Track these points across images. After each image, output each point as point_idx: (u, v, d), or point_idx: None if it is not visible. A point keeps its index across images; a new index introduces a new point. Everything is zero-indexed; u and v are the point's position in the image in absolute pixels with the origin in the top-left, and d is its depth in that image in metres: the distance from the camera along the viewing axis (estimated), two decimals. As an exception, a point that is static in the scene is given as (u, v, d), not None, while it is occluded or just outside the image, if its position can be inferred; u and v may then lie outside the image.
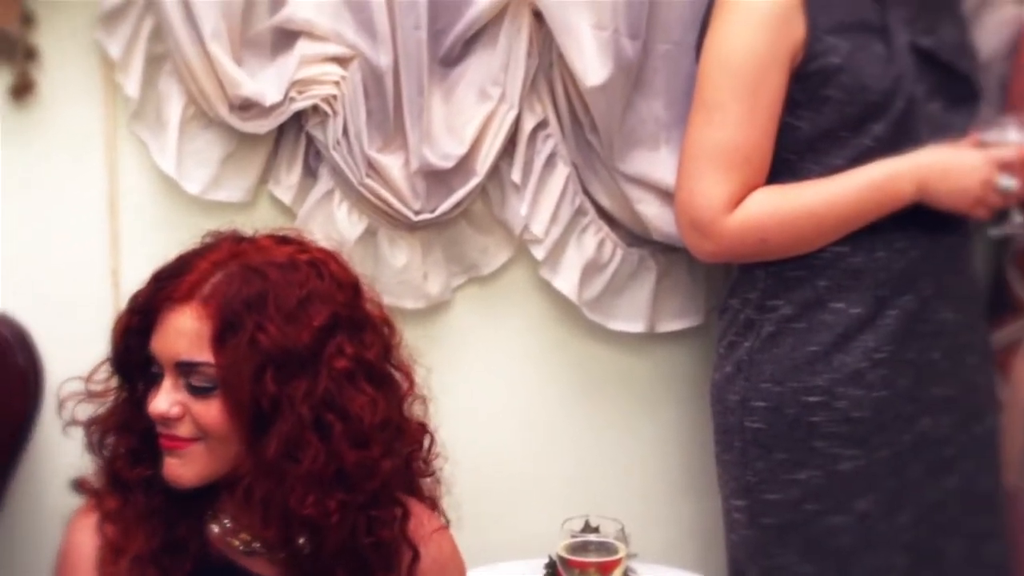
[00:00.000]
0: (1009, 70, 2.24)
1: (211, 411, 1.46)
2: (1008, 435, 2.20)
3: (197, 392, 1.47)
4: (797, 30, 1.89)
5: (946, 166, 1.90)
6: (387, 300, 2.09)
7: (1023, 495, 2.20)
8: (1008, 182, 1.89)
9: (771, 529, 2.00)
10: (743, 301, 2.03)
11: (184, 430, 1.49)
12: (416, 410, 1.62)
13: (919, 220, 1.95)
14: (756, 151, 1.91)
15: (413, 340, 1.64)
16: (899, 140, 1.93)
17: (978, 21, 2.29)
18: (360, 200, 2.12)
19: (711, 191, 1.91)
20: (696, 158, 1.93)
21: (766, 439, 1.99)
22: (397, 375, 1.57)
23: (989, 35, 2.29)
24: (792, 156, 1.95)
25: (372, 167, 2.10)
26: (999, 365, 2.21)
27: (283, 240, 1.53)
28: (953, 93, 2.01)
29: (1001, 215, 1.95)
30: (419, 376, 1.60)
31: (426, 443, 1.64)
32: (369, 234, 2.16)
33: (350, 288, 1.52)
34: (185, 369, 1.47)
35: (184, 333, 1.46)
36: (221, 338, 1.43)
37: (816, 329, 1.96)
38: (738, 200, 1.92)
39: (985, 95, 2.11)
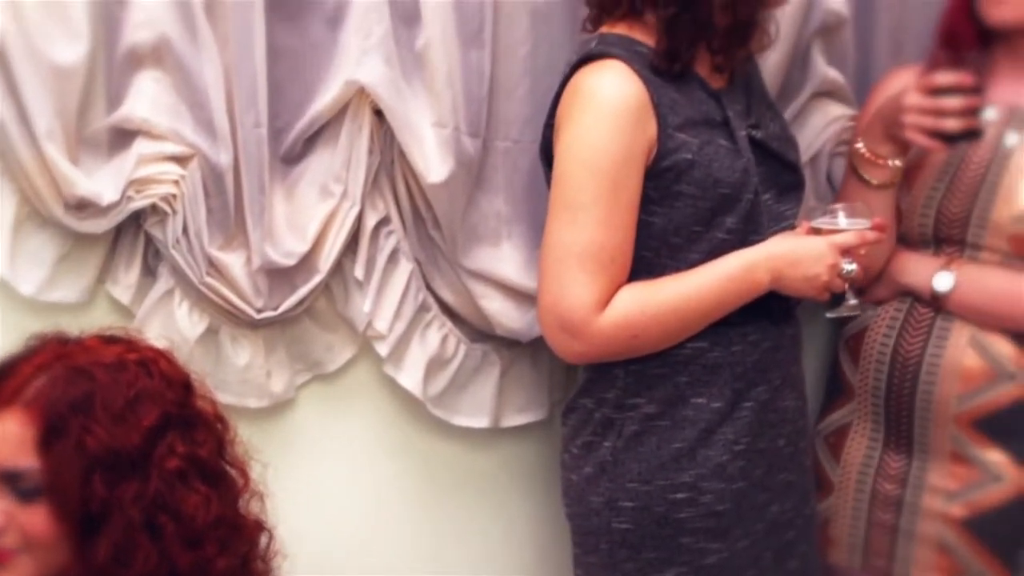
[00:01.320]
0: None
1: (38, 518, 1.43)
2: (838, 516, 2.25)
3: (23, 499, 1.43)
4: (649, 129, 1.92)
5: (795, 254, 1.95)
6: (230, 399, 2.11)
7: (852, 574, 2.26)
8: (850, 266, 1.95)
9: (639, 628, 2.01)
10: (598, 400, 2.03)
11: (9, 540, 1.44)
12: (254, 508, 1.60)
13: (767, 311, 2.00)
14: (620, 250, 1.93)
15: (256, 439, 1.62)
16: (748, 231, 1.98)
17: (805, 120, 2.37)
18: (201, 299, 2.10)
19: (580, 292, 1.91)
20: (562, 259, 1.92)
21: (634, 539, 1.99)
22: (232, 472, 1.55)
23: (815, 132, 2.38)
24: (648, 253, 1.97)
25: (213, 265, 2.09)
26: (831, 447, 2.27)
27: (111, 340, 1.51)
28: (782, 183, 2.07)
29: (837, 298, 2.01)
30: (256, 472, 1.58)
31: (263, 541, 1.61)
32: (211, 333, 2.14)
33: (180, 386, 1.51)
34: (9, 477, 1.43)
35: (6, 439, 1.42)
36: (46, 442, 1.40)
37: (680, 425, 1.98)
38: (607, 299, 1.93)
39: (807, 185, 2.18)
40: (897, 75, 2.25)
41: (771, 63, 2.23)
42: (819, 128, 2.39)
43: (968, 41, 2.16)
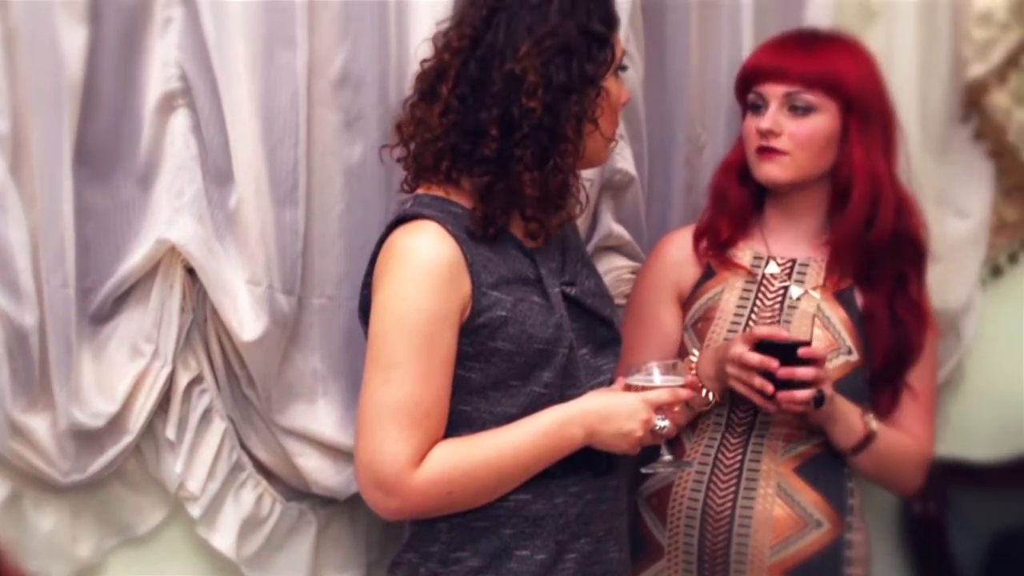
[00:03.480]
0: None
1: None
2: None
3: None
4: (463, 287, 1.94)
5: (609, 411, 1.97)
6: (33, 567, 2.03)
7: None
8: (663, 423, 1.98)
9: None
10: (423, 555, 2.01)
11: None
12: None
13: (588, 463, 2.02)
14: (435, 406, 1.94)
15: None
16: (564, 385, 2.00)
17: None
18: (3, 464, 2.05)
19: (395, 449, 1.91)
20: (377, 417, 1.92)
21: None
22: None
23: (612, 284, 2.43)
24: (467, 407, 1.98)
25: (16, 429, 2.03)
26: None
27: None
28: (598, 338, 2.10)
29: (648, 452, 2.04)
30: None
31: None
32: (14, 498, 2.07)
33: None
34: None
35: None
36: None
37: (504, 578, 1.99)
38: (422, 456, 1.92)
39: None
40: (674, 237, 2.35)
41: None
42: (610, 281, 2.43)
43: (737, 200, 2.27)
